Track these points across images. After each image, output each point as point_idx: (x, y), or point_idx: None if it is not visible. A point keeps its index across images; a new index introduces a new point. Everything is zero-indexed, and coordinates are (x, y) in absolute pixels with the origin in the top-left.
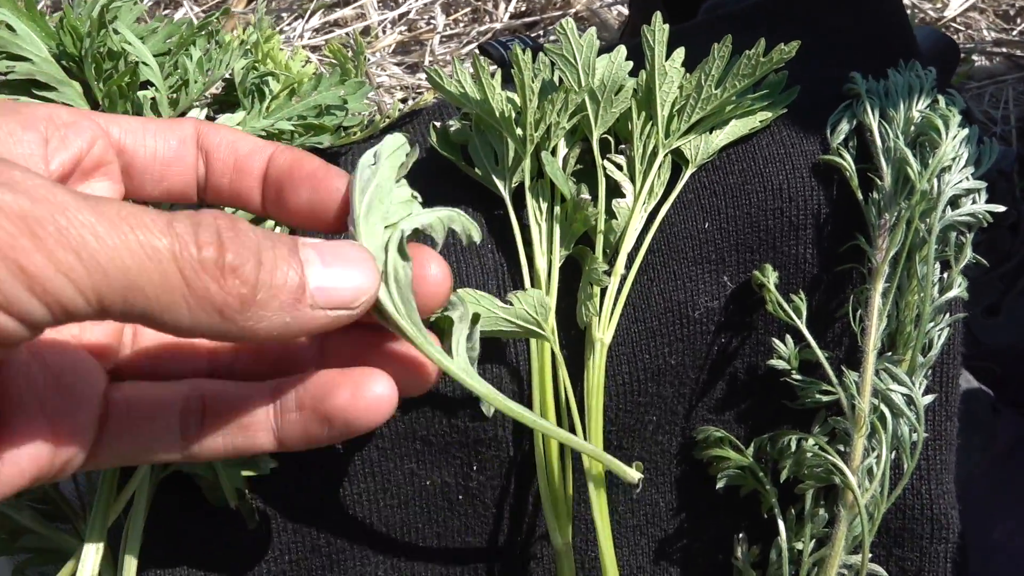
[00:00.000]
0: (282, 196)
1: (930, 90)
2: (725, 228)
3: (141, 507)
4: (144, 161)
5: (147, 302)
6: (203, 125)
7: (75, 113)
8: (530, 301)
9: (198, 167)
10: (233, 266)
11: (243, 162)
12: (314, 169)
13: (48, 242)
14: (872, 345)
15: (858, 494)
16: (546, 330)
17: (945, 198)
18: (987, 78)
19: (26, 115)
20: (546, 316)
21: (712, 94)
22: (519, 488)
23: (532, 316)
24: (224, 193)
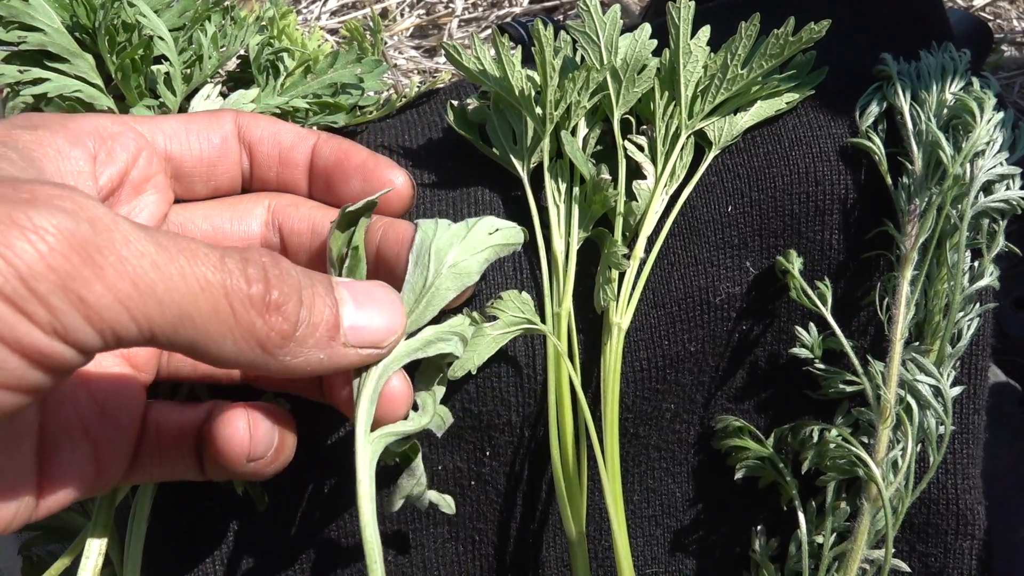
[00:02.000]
0: (332, 187)
1: (964, 73)
2: (748, 212)
3: (149, 486)
4: (191, 165)
5: (196, 333)
6: (242, 117)
7: (119, 122)
8: (512, 305)
9: (242, 162)
10: (277, 303)
11: (287, 154)
12: (363, 161)
13: (108, 272)
14: (899, 334)
15: (882, 487)
16: (538, 322)
17: (978, 183)
18: (1017, 68)
19: (73, 130)
20: (532, 310)
21: (738, 74)
22: (532, 475)
23: (520, 316)
24: (271, 184)
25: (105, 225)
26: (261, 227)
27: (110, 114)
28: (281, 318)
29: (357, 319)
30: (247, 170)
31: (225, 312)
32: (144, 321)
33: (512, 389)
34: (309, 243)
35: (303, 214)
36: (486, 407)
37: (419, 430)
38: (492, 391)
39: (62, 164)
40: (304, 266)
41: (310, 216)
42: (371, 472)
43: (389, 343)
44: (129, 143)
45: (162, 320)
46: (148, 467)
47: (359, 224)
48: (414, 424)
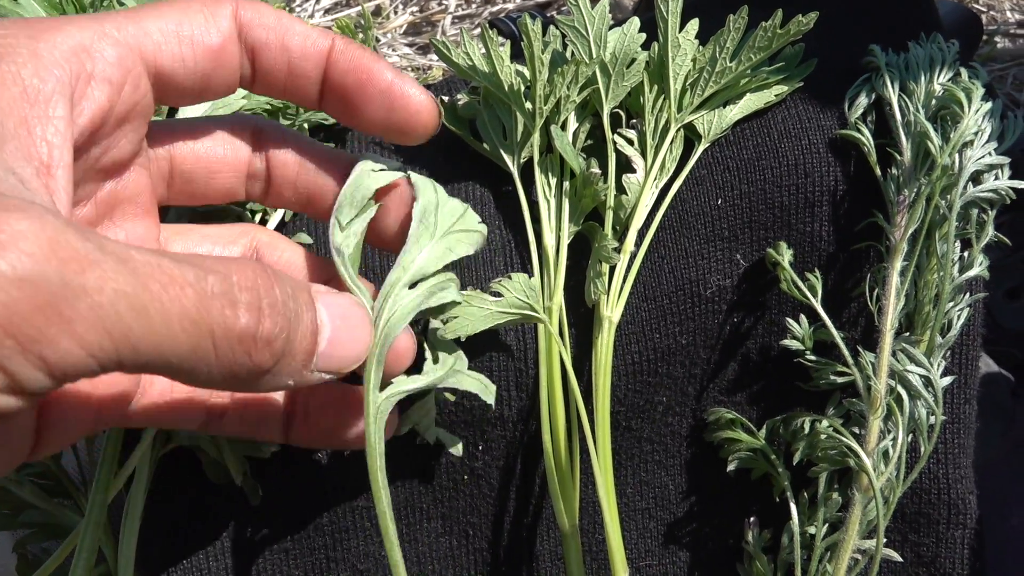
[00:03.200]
0: (350, 108)
1: (952, 63)
2: (738, 205)
3: (142, 483)
4: (183, 77)
5: (168, 366)
6: (243, 9)
7: (100, 35)
8: (518, 287)
9: (242, 66)
10: (267, 338)
11: (297, 63)
12: (388, 84)
13: (77, 326)
14: (889, 325)
15: (873, 477)
16: (540, 311)
17: (967, 174)
18: (1010, 60)
19: (45, 58)
20: (537, 297)
21: (727, 67)
22: (525, 469)
23: (524, 301)
24: (276, 90)
25: (76, 266)
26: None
27: (87, 20)
28: (268, 353)
29: (329, 348)
30: (248, 76)
31: (206, 350)
32: (113, 364)
33: (504, 383)
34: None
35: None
36: (479, 401)
37: (430, 386)
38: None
39: (30, 112)
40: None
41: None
42: (381, 433)
43: (353, 367)
44: (112, 66)
45: (134, 359)
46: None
47: (364, 211)
48: (426, 379)
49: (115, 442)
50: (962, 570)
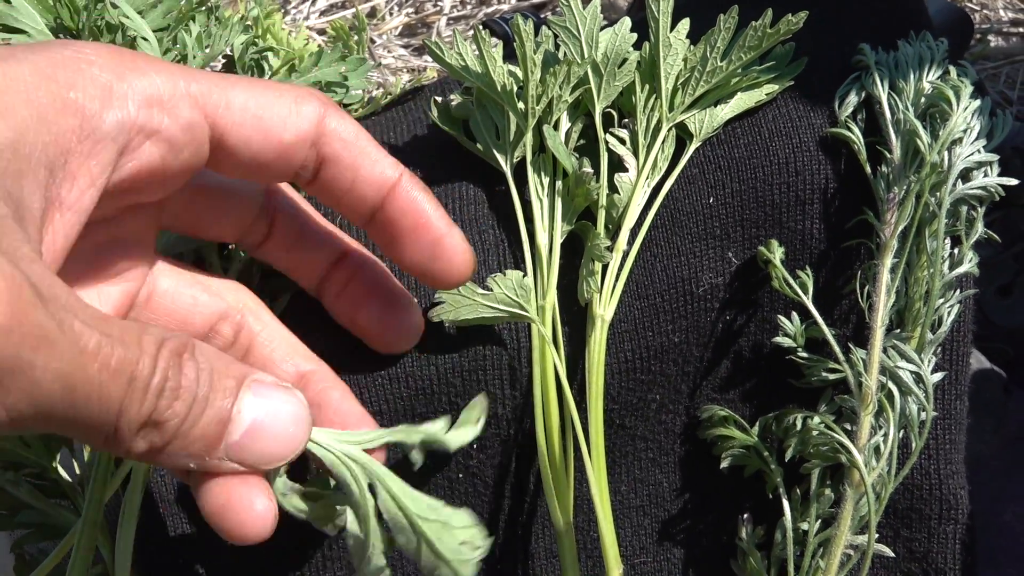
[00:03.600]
0: (397, 243)
1: (941, 61)
2: (730, 203)
3: (139, 482)
4: (241, 159)
5: (70, 433)
6: (329, 117)
7: (180, 93)
8: (509, 284)
9: (303, 169)
10: (159, 421)
11: (360, 187)
12: (440, 236)
13: (9, 397)
14: (880, 322)
15: (864, 473)
16: (530, 311)
17: (956, 171)
18: (1003, 58)
19: (118, 99)
20: (529, 296)
21: (717, 66)
22: (520, 467)
23: (513, 299)
24: (328, 200)
25: (33, 342)
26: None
27: (174, 70)
28: (158, 434)
29: (245, 440)
30: (305, 179)
31: (109, 428)
32: (17, 425)
33: (498, 382)
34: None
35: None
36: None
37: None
38: (479, 384)
39: (76, 147)
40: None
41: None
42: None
43: (276, 465)
44: (180, 129)
45: (40, 425)
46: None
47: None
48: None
49: None
50: (954, 565)
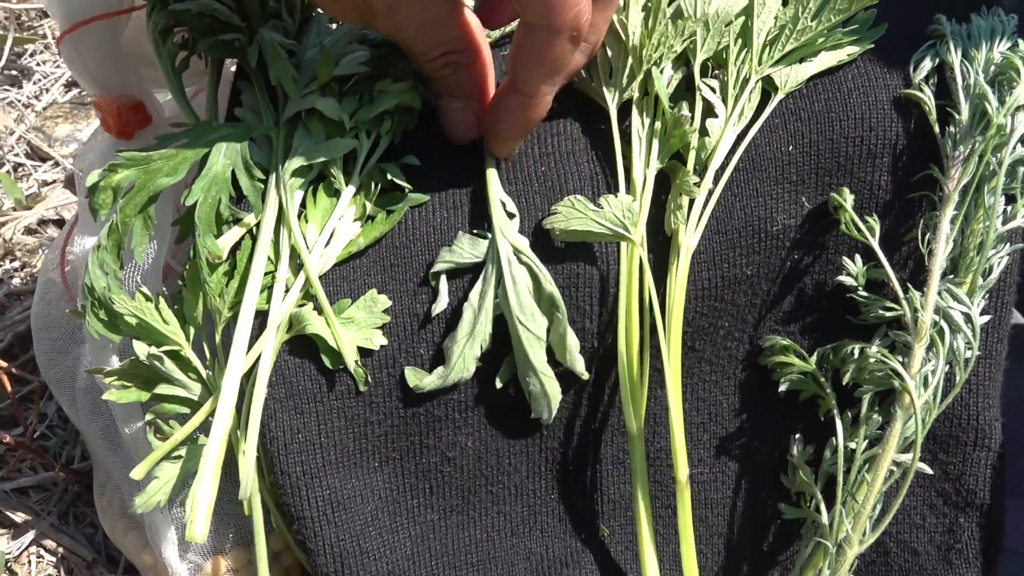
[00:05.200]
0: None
1: (1011, 35)
2: (807, 152)
3: (267, 362)
4: None
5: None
6: None
7: None
8: (619, 206)
9: None
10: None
11: None
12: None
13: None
14: (938, 266)
15: (915, 397)
16: (633, 233)
17: (1018, 134)
18: None
19: None
20: (634, 220)
21: (807, 26)
22: (599, 379)
23: (620, 220)
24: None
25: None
26: None
27: None
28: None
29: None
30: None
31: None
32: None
33: (588, 299)
34: None
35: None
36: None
37: None
38: (569, 299)
39: None
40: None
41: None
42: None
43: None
44: None
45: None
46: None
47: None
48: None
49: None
50: (984, 486)
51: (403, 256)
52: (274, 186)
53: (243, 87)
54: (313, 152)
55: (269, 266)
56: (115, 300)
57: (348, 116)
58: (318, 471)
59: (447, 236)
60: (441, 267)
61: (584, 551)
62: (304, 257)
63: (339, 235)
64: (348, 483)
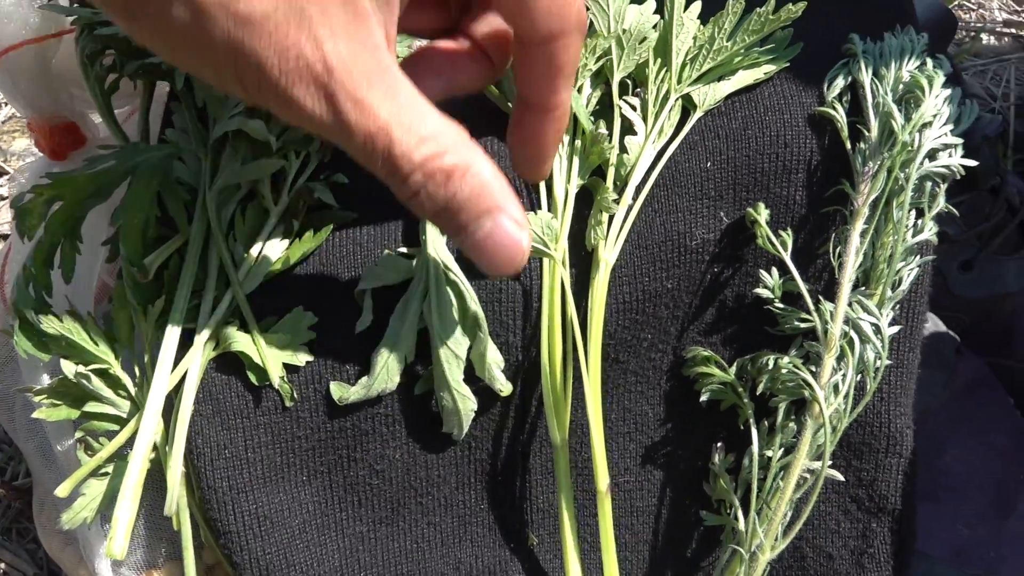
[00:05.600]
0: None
1: (920, 53)
2: (725, 168)
3: (193, 380)
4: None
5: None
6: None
7: None
8: (539, 223)
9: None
10: (416, 202)
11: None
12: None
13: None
14: (848, 278)
15: (824, 405)
16: (552, 249)
17: (924, 151)
18: (993, 56)
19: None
20: (554, 237)
21: (723, 46)
22: (525, 391)
23: (540, 236)
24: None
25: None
26: None
27: None
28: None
29: (477, 251)
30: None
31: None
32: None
33: (510, 313)
34: None
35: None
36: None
37: None
38: (493, 313)
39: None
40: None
41: None
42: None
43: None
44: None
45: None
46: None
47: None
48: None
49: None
50: (895, 492)
51: (329, 273)
52: (202, 205)
53: (175, 107)
54: (240, 173)
55: (197, 284)
56: (43, 320)
57: (276, 137)
58: (244, 486)
59: (373, 253)
60: (366, 285)
61: (513, 560)
62: (231, 275)
63: (267, 253)
64: (275, 497)
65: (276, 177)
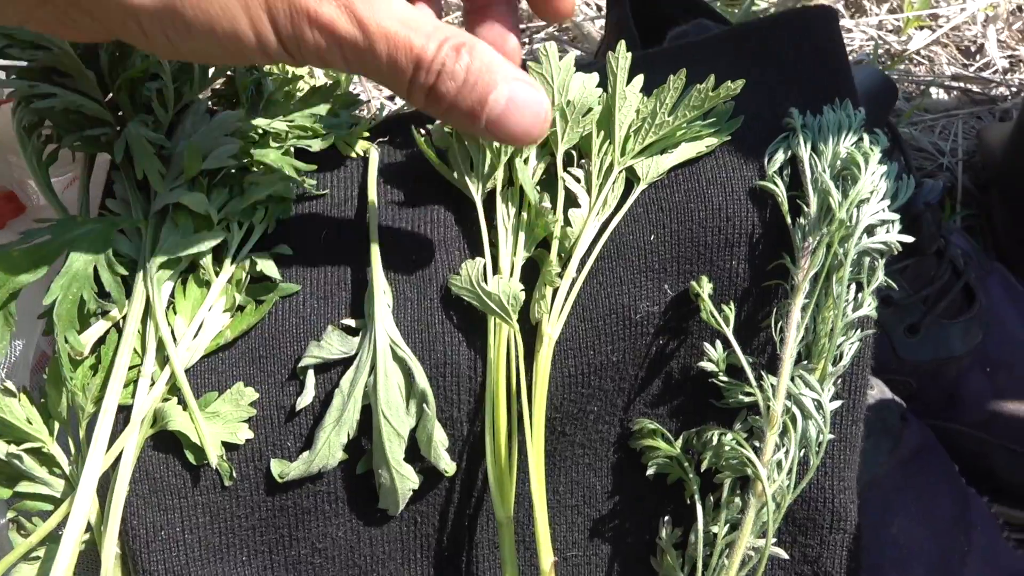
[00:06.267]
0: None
1: (858, 128)
2: (668, 241)
3: (129, 459)
4: None
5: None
6: None
7: None
8: (506, 290)
9: None
10: (435, 93)
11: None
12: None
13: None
14: (789, 354)
15: (766, 484)
16: (511, 319)
17: (861, 227)
18: (941, 111)
19: None
20: (516, 307)
21: (665, 120)
22: (470, 465)
23: (504, 304)
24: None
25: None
26: None
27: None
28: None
29: (501, 120)
30: None
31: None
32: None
33: (454, 387)
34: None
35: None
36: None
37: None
38: (437, 388)
39: None
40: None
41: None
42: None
43: (523, 143)
44: None
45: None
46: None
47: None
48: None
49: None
50: (840, 569)
51: (271, 348)
52: (142, 279)
53: (116, 177)
54: (180, 246)
55: (135, 359)
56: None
57: (217, 209)
58: (181, 569)
59: (317, 327)
60: (308, 362)
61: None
62: (170, 351)
63: (207, 327)
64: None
65: (219, 248)
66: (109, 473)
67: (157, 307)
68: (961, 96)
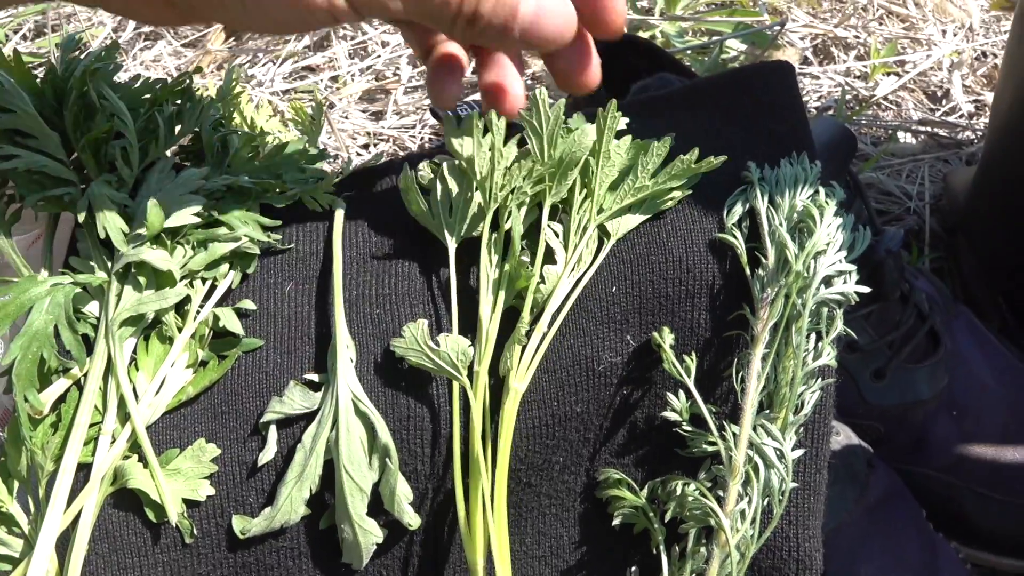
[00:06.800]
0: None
1: (814, 181)
2: (630, 293)
3: (88, 518)
4: None
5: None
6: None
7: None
8: (455, 347)
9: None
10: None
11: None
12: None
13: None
14: (750, 403)
15: (729, 535)
16: (462, 375)
17: (819, 278)
18: (908, 155)
19: None
20: (466, 363)
21: (645, 184)
22: (436, 518)
23: (453, 361)
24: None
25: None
26: None
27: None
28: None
29: (534, 25)
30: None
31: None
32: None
33: (418, 440)
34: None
35: None
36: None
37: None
38: (401, 441)
39: None
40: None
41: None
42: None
43: (556, 46)
44: None
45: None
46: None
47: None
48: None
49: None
50: None
51: (234, 403)
52: (104, 336)
53: (79, 235)
54: (143, 303)
55: (97, 417)
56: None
57: (180, 265)
58: None
59: (279, 382)
60: (271, 417)
61: None
62: (131, 408)
63: (169, 383)
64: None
65: (182, 303)
66: (69, 532)
67: (119, 364)
68: (928, 140)
